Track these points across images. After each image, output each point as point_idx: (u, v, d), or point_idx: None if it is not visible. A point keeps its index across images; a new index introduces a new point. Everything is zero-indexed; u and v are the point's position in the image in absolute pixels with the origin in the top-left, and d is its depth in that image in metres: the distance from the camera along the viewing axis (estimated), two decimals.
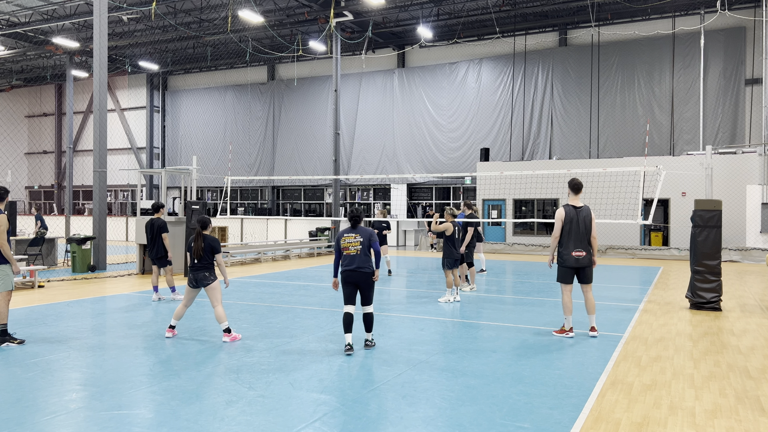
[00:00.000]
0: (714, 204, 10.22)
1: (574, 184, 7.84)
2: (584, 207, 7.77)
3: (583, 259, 7.74)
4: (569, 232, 7.73)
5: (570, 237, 7.73)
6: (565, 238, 7.76)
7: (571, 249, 7.73)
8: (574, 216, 7.74)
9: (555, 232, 7.82)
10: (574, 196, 7.85)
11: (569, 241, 7.73)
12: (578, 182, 7.83)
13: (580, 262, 7.74)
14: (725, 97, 24.51)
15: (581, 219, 7.74)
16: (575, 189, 7.84)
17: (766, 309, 10.46)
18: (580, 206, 7.76)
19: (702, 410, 5.17)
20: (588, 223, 7.77)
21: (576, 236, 7.72)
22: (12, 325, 8.58)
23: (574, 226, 7.72)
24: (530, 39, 27.92)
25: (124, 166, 37.44)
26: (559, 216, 7.79)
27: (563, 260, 7.80)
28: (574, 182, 7.84)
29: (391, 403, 5.22)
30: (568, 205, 7.85)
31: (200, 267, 7.68)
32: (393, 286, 13.38)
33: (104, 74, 16.23)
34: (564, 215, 7.76)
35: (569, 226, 7.73)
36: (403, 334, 8.07)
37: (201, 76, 37.18)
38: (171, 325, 7.87)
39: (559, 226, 7.78)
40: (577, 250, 7.72)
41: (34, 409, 5.04)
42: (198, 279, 7.66)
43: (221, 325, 7.65)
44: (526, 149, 27.75)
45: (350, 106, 31.51)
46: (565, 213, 7.77)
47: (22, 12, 28.06)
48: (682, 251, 20.87)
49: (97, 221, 16.22)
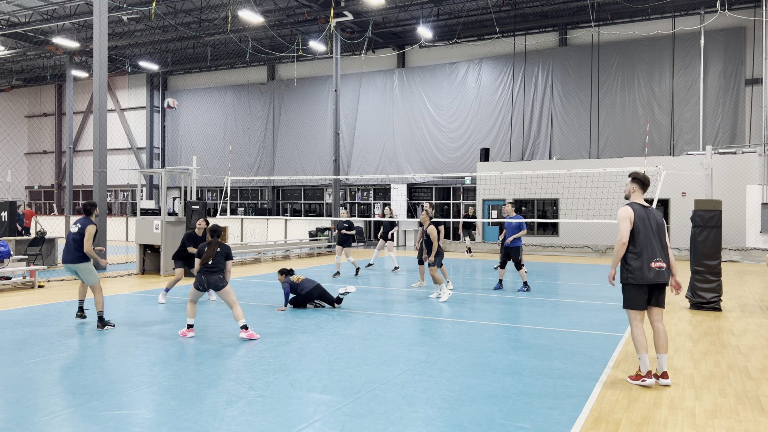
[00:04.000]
0: (714, 204, 10.22)
1: (643, 178, 6.04)
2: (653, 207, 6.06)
3: (665, 272, 5.83)
4: (643, 237, 5.80)
5: (645, 244, 5.79)
6: (639, 245, 5.79)
7: (646, 259, 5.78)
8: (645, 216, 5.85)
9: (622, 236, 5.80)
10: (641, 193, 6.04)
11: (644, 249, 5.78)
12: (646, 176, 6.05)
13: (662, 276, 5.81)
14: (725, 97, 24.51)
15: (654, 221, 5.89)
16: (643, 184, 6.04)
17: (766, 309, 10.46)
18: (648, 206, 5.99)
19: (702, 410, 5.17)
20: (662, 227, 5.93)
21: (652, 243, 5.81)
22: (12, 324, 8.59)
23: (648, 230, 5.83)
24: (530, 39, 27.91)
25: (124, 166, 37.44)
26: (627, 215, 5.82)
27: (636, 275, 5.80)
28: (643, 175, 6.03)
29: (391, 403, 5.22)
30: (635, 203, 5.97)
31: (215, 270, 7.83)
32: (393, 286, 13.38)
33: (104, 74, 16.23)
34: (633, 214, 5.83)
35: (642, 229, 5.81)
36: (403, 334, 8.07)
37: (201, 76, 37.18)
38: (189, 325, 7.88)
39: (628, 228, 5.81)
40: (657, 260, 5.79)
41: (34, 409, 5.04)
42: (210, 282, 7.80)
43: (239, 322, 7.76)
44: (526, 149, 27.75)
45: (350, 106, 31.51)
46: (634, 212, 5.86)
47: (22, 12, 28.05)
48: (682, 251, 20.87)
49: (97, 221, 16.20)
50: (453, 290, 12.06)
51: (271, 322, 8.84)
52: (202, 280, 7.80)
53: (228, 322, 8.82)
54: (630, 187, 6.10)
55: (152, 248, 15.31)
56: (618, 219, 5.91)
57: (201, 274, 7.82)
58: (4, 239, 13.95)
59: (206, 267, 7.81)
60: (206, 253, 7.86)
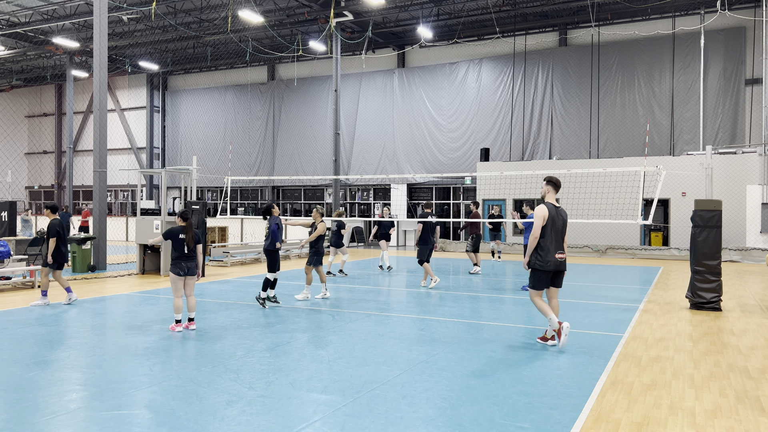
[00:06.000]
0: (714, 204, 10.21)
1: (556, 181, 7.34)
2: (561, 207, 7.37)
3: (564, 261, 7.30)
4: (552, 232, 7.14)
5: (552, 238, 7.14)
6: (547, 239, 7.13)
7: (553, 251, 7.16)
8: (555, 215, 7.19)
9: (535, 231, 7.12)
10: (554, 194, 7.33)
11: (552, 243, 7.14)
12: (558, 179, 7.39)
13: (563, 265, 7.28)
14: (725, 97, 24.51)
15: (561, 218, 7.26)
16: (556, 186, 7.33)
17: (766, 309, 10.46)
18: (559, 205, 7.34)
19: (702, 410, 5.17)
20: (565, 224, 7.32)
21: (558, 237, 7.19)
22: (12, 324, 8.59)
23: (557, 227, 7.19)
24: (530, 39, 27.91)
25: (124, 166, 37.44)
26: (542, 214, 7.12)
27: (544, 263, 7.16)
28: (556, 179, 7.35)
29: (391, 403, 5.22)
30: (549, 203, 7.26)
31: (192, 257, 8.23)
32: (393, 286, 13.38)
33: (104, 74, 16.23)
34: (547, 213, 7.13)
35: (552, 226, 7.15)
36: (403, 334, 8.07)
37: (201, 76, 37.18)
38: (177, 320, 8.17)
39: (540, 225, 7.13)
40: (560, 252, 7.21)
41: (34, 409, 5.04)
42: (190, 268, 8.18)
43: (191, 313, 8.22)
44: (526, 149, 27.75)
45: (350, 106, 31.51)
46: (547, 211, 7.16)
47: (22, 12, 28.06)
48: (682, 251, 20.87)
49: (97, 221, 16.22)
50: (327, 297, 11.12)
51: (271, 322, 8.84)
52: (183, 267, 8.13)
53: (228, 322, 8.83)
54: (545, 189, 7.37)
55: (152, 248, 15.31)
56: (534, 216, 7.18)
57: (181, 261, 8.13)
58: (4, 239, 13.95)
59: (185, 254, 8.15)
60: (188, 238, 8.17)
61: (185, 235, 8.17)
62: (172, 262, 8.18)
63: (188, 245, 8.14)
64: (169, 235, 8.17)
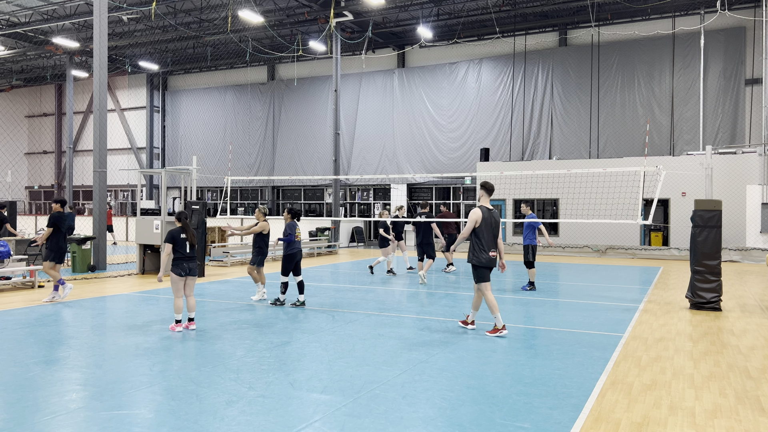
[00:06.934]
0: (714, 204, 10.22)
1: (490, 186, 8.13)
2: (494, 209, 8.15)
3: (495, 258, 8.08)
4: (485, 233, 7.93)
5: (487, 238, 7.94)
6: (483, 238, 7.93)
7: (487, 249, 7.95)
8: (488, 217, 7.97)
9: (465, 231, 7.95)
10: (487, 198, 8.13)
11: (488, 242, 7.94)
12: (492, 185, 8.19)
13: (493, 262, 8.07)
14: (725, 97, 24.51)
15: (494, 220, 8.04)
16: (490, 191, 8.13)
17: (766, 309, 10.46)
18: (491, 208, 8.11)
19: (702, 410, 5.17)
20: (498, 224, 8.11)
21: (491, 236, 7.99)
22: (12, 324, 8.59)
23: (489, 228, 7.97)
24: (530, 39, 27.91)
25: (124, 166, 37.43)
26: (475, 217, 7.93)
27: (483, 260, 7.95)
28: (490, 185, 8.14)
29: (391, 403, 5.22)
30: (483, 206, 8.06)
31: (193, 257, 8.31)
32: (393, 285, 13.38)
33: (104, 74, 16.23)
34: (480, 216, 7.92)
35: (486, 227, 7.94)
36: (403, 334, 8.07)
37: (201, 76, 37.17)
38: (177, 320, 8.20)
39: (472, 227, 7.93)
40: (492, 250, 8.01)
41: (34, 409, 5.04)
42: (191, 268, 8.26)
43: (191, 313, 8.27)
44: (526, 149, 27.75)
45: (350, 106, 31.50)
46: (481, 213, 7.94)
47: (22, 12, 28.06)
48: (682, 251, 20.87)
49: (97, 221, 16.22)
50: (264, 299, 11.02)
51: (270, 322, 8.84)
52: (185, 267, 8.20)
53: (228, 322, 8.83)
54: (480, 193, 8.21)
55: (152, 248, 15.31)
56: (468, 219, 8.01)
57: (182, 261, 8.19)
58: (4, 239, 13.94)
59: (187, 255, 8.21)
60: (189, 236, 8.24)
61: (186, 234, 8.26)
62: (173, 263, 8.18)
63: (190, 242, 8.22)
64: (171, 238, 8.19)
